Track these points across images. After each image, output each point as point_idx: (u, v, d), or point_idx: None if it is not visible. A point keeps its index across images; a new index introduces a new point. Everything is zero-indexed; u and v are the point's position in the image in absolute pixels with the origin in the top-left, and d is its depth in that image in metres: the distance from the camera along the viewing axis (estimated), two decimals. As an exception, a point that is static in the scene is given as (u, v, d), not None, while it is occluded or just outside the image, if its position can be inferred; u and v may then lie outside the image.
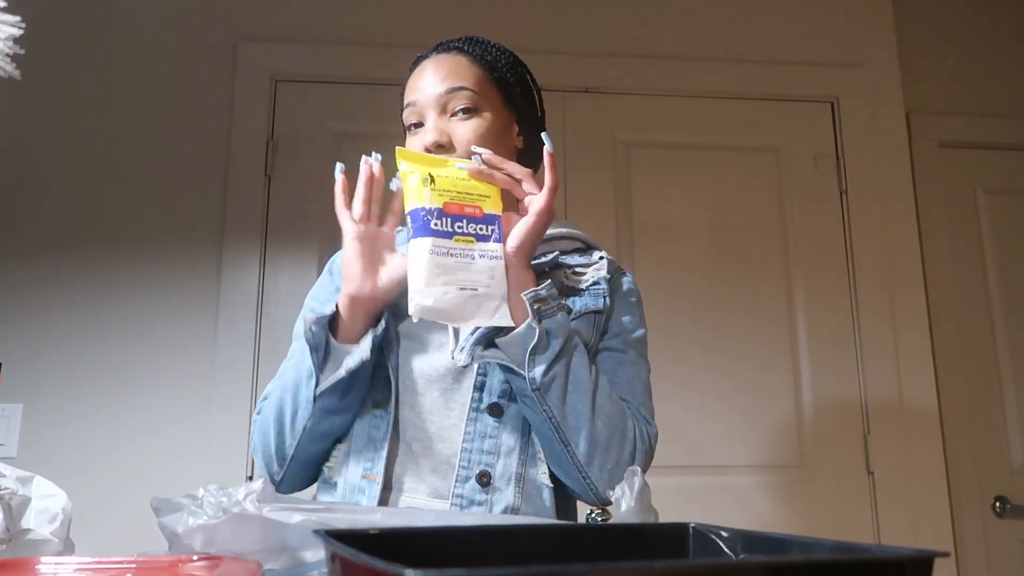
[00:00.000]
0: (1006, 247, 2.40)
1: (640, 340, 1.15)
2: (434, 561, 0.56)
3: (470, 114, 1.06)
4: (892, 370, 2.14)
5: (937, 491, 2.09)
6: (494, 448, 0.99)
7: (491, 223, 0.93)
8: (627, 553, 0.62)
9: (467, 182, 0.94)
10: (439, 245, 0.88)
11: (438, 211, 0.90)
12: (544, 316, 0.94)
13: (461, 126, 1.05)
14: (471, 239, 0.90)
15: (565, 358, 0.96)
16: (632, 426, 1.03)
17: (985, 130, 2.46)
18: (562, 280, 1.09)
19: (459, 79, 1.07)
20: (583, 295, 1.09)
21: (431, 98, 1.06)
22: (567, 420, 0.96)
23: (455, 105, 1.05)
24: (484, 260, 0.90)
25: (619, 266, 1.18)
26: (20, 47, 1.01)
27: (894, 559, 0.45)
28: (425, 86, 1.07)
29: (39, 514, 0.75)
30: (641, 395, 1.10)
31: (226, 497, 0.68)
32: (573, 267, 1.11)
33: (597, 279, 1.10)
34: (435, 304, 0.86)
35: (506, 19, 2.25)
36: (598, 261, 1.13)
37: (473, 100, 1.06)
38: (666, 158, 2.24)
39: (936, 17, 2.54)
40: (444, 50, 1.11)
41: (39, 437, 1.93)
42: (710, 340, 2.13)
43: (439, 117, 1.06)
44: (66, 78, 2.12)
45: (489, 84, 1.09)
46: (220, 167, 2.10)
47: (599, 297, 1.09)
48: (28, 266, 2.01)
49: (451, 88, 1.06)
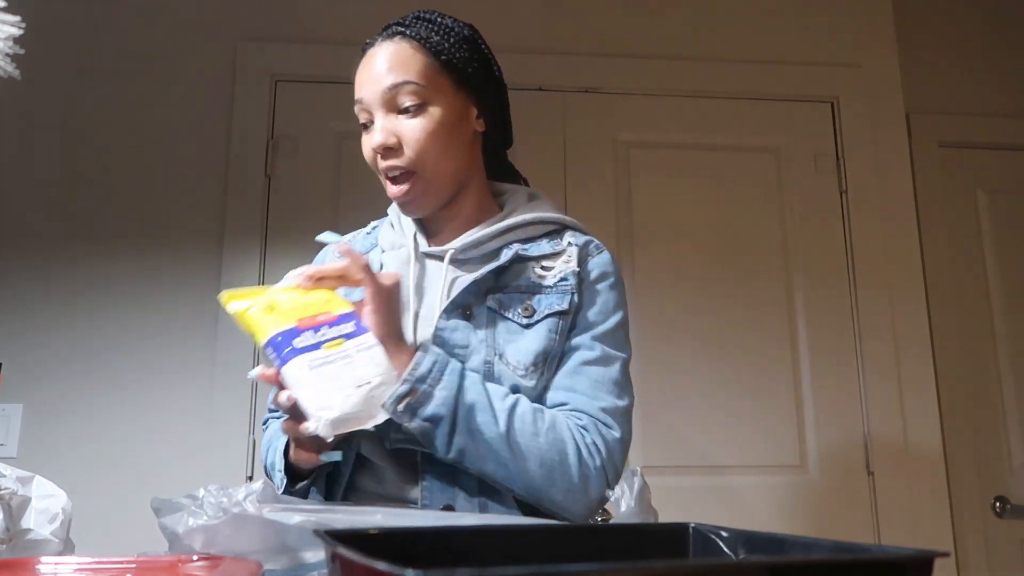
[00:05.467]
0: (1006, 247, 2.40)
1: (611, 331, 1.05)
2: (434, 561, 0.56)
3: (418, 110, 1.00)
4: (892, 370, 2.14)
5: (937, 491, 2.09)
6: (453, 483, 0.96)
7: (348, 320, 0.88)
8: (627, 553, 0.62)
9: (304, 295, 0.89)
10: (314, 359, 0.83)
11: (295, 330, 0.85)
12: (417, 407, 0.90)
13: (409, 125, 0.99)
14: (340, 341, 0.85)
15: (464, 427, 0.91)
16: (574, 450, 0.95)
17: (985, 130, 2.46)
18: (529, 276, 1.03)
19: (403, 72, 1.00)
20: (549, 293, 1.02)
21: (376, 95, 1.00)
22: (496, 475, 0.94)
23: (402, 101, 0.99)
24: (363, 354, 0.85)
25: (593, 245, 1.10)
26: (20, 47, 1.01)
27: (894, 559, 0.45)
28: (369, 80, 1.01)
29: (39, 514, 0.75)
30: (604, 398, 1.00)
31: (226, 497, 0.68)
32: (541, 259, 1.05)
33: (565, 274, 1.03)
34: (342, 413, 0.80)
35: (506, 19, 2.25)
36: (567, 249, 1.06)
37: (420, 94, 1.00)
38: (666, 158, 2.24)
39: (936, 17, 2.54)
40: (388, 35, 1.03)
41: (39, 437, 1.93)
42: (710, 339, 2.13)
43: (386, 116, 1.00)
44: (66, 78, 2.12)
45: (438, 71, 1.02)
46: (220, 167, 2.10)
47: (565, 295, 1.02)
48: (28, 266, 2.01)
49: (394, 84, 0.99)
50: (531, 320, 1.01)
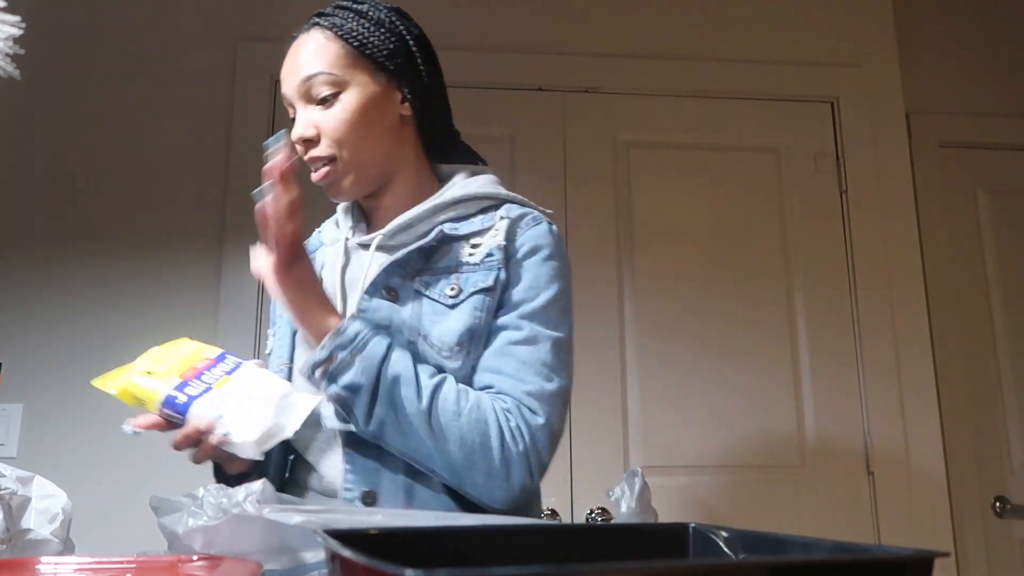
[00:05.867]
0: (1006, 247, 2.40)
1: (541, 308, 1.00)
2: (434, 561, 0.56)
3: (333, 100, 1.00)
4: (892, 370, 2.14)
5: (937, 491, 2.09)
6: (377, 466, 0.96)
7: (222, 359, 0.92)
8: (627, 553, 0.62)
9: (176, 353, 0.94)
10: (211, 398, 0.86)
11: (183, 383, 0.88)
12: (337, 375, 0.91)
13: (327, 116, 1.00)
14: (226, 378, 0.89)
15: (385, 399, 0.91)
16: (496, 433, 0.92)
17: (985, 130, 2.46)
18: (457, 255, 1.01)
19: (315, 63, 1.01)
20: (476, 270, 1.00)
21: (293, 89, 1.02)
22: (417, 453, 0.93)
23: (317, 92, 1.00)
24: (253, 379, 0.89)
25: (529, 218, 1.05)
26: (20, 47, 1.01)
27: (894, 559, 0.45)
28: (288, 75, 1.03)
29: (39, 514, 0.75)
30: (531, 381, 0.96)
31: (226, 498, 0.68)
32: (471, 237, 1.02)
33: (491, 249, 1.00)
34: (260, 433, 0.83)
35: (506, 19, 2.25)
36: (496, 223, 1.03)
37: (334, 83, 1.00)
38: (666, 158, 2.24)
39: (936, 17, 2.54)
40: (305, 29, 1.05)
41: (39, 437, 1.93)
42: (710, 339, 2.13)
43: (305, 108, 1.02)
44: (66, 78, 2.12)
45: (353, 58, 1.01)
46: (220, 167, 2.10)
47: (491, 271, 0.99)
48: (28, 266, 2.01)
49: (307, 76, 1.00)
50: (457, 299, 0.98)
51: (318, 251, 1.14)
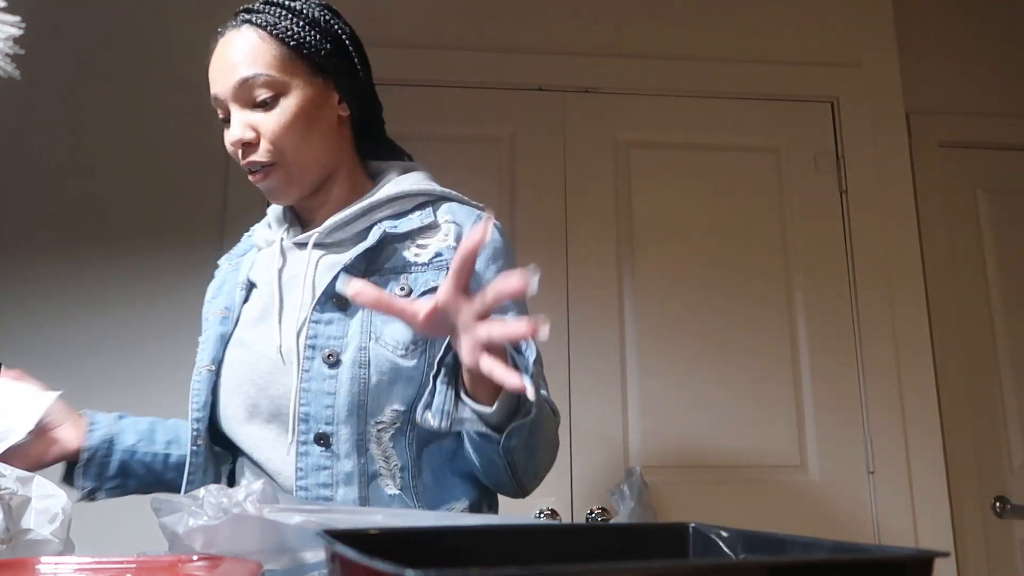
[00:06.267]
0: (1006, 247, 2.40)
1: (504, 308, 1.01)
2: (434, 561, 0.56)
3: (273, 102, 0.97)
4: (892, 370, 2.14)
5: (937, 491, 2.09)
6: (330, 479, 0.94)
7: None
8: (627, 553, 0.62)
9: None
10: None
11: None
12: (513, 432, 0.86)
13: (266, 119, 0.97)
14: None
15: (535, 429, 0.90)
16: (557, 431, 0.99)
17: (985, 130, 2.46)
18: (403, 255, 1.00)
19: (252, 64, 0.97)
20: (425, 270, 0.99)
21: (228, 91, 0.98)
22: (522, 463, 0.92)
23: (256, 94, 0.97)
24: None
25: (474, 217, 1.04)
26: (20, 47, 1.01)
27: (894, 559, 0.45)
28: (221, 75, 0.98)
29: (39, 514, 0.75)
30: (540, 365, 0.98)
31: (226, 498, 0.68)
32: (413, 235, 1.01)
33: (440, 249, 1.00)
34: None
35: (505, 19, 2.25)
36: (442, 225, 1.02)
37: (273, 85, 0.97)
38: (666, 158, 2.24)
39: (936, 17, 2.54)
40: (236, 25, 1.01)
41: (39, 437, 1.93)
42: (710, 339, 2.13)
43: (241, 110, 0.98)
44: (66, 78, 2.12)
45: (289, 59, 0.98)
46: (220, 167, 2.10)
47: (441, 271, 0.98)
48: (28, 266, 2.01)
49: (245, 78, 0.97)
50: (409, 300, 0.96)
51: (248, 255, 1.12)
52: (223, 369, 1.02)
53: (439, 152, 2.15)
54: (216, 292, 1.09)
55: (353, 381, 0.94)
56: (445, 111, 2.17)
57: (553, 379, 2.05)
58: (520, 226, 2.13)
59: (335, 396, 0.94)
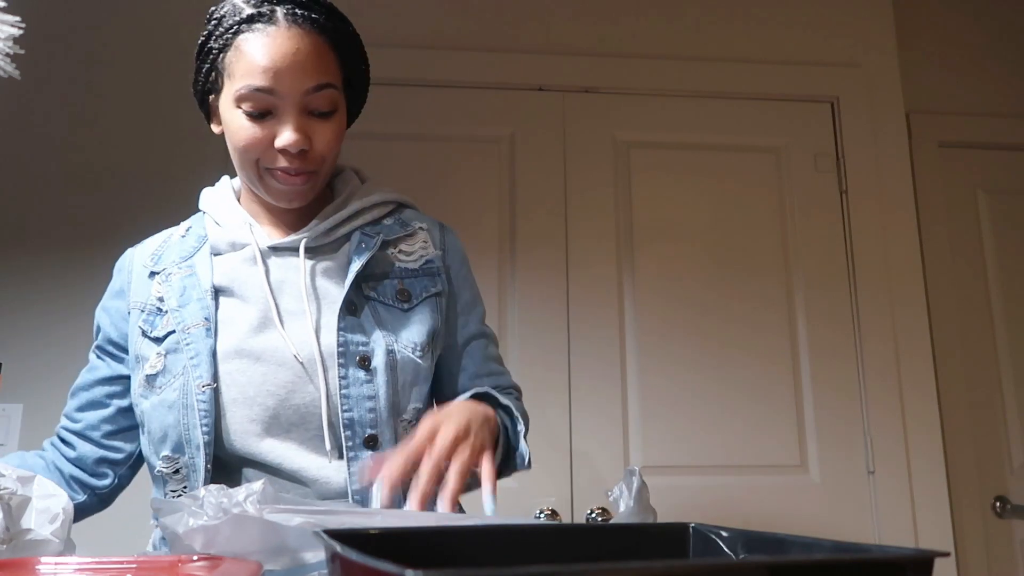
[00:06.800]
0: (1006, 247, 2.40)
1: (483, 310, 1.13)
2: (434, 561, 0.56)
3: (330, 116, 0.97)
4: (892, 370, 2.14)
5: (937, 491, 2.09)
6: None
7: None
8: (627, 553, 0.62)
9: None
10: None
11: None
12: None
13: (322, 129, 0.97)
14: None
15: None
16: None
17: (985, 130, 2.46)
18: (392, 261, 1.03)
19: (324, 73, 0.96)
20: (419, 276, 1.04)
21: (296, 94, 0.94)
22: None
23: (319, 104, 0.96)
24: None
25: (446, 228, 1.12)
26: (20, 47, 1.01)
27: (894, 559, 0.45)
28: (288, 74, 0.93)
29: (39, 514, 0.75)
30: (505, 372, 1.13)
31: (227, 498, 0.68)
32: (396, 242, 1.05)
33: (429, 257, 1.06)
34: None
35: (505, 19, 2.25)
36: (422, 231, 1.08)
37: (335, 100, 0.97)
38: (666, 158, 2.24)
39: (936, 17, 2.54)
40: (303, 22, 0.95)
41: (39, 437, 1.92)
42: (710, 339, 2.13)
43: (299, 115, 0.95)
44: (66, 78, 2.12)
45: (343, 75, 1.00)
46: (220, 167, 2.10)
47: (435, 277, 1.05)
48: (28, 266, 2.01)
49: (319, 86, 0.95)
50: (410, 304, 1.02)
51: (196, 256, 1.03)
52: (222, 384, 0.95)
53: (439, 152, 2.16)
54: (182, 300, 0.99)
55: (388, 383, 0.97)
56: (445, 111, 2.17)
57: (553, 379, 2.06)
58: (520, 226, 2.13)
59: (375, 399, 0.96)
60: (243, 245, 1.02)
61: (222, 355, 0.96)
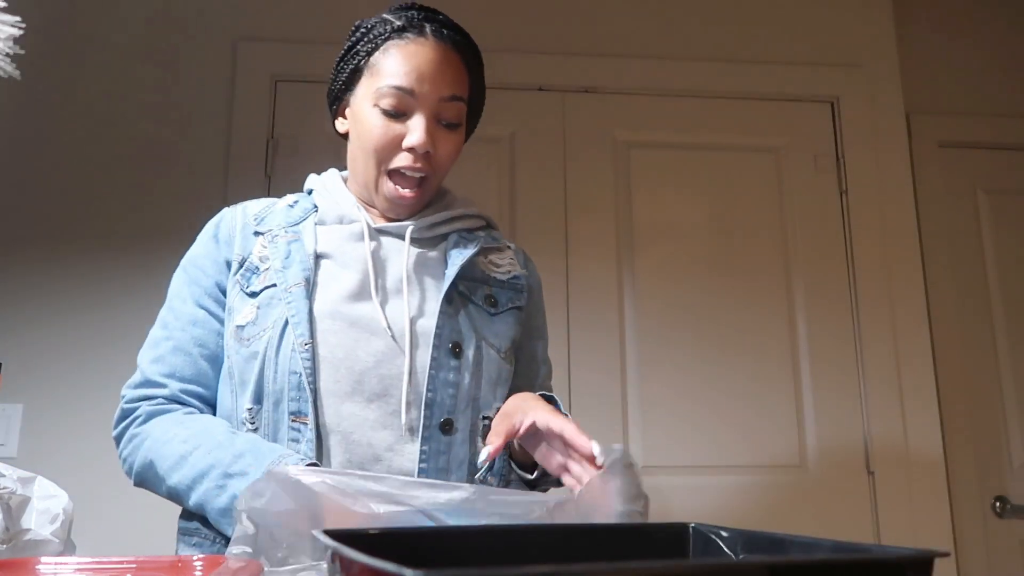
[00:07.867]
0: (1006, 247, 2.40)
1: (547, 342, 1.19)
2: (434, 561, 0.56)
3: (457, 127, 1.05)
4: (892, 370, 2.14)
5: (937, 491, 2.09)
6: (447, 464, 0.97)
7: None
8: (627, 553, 0.62)
9: None
10: None
11: None
12: None
13: (446, 139, 1.04)
14: None
15: None
16: None
17: (985, 130, 2.46)
18: (482, 267, 1.09)
19: (459, 87, 1.04)
20: (506, 288, 1.09)
21: (432, 98, 1.01)
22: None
23: (449, 115, 1.03)
24: None
25: (522, 251, 1.19)
26: (20, 47, 1.01)
27: (894, 559, 0.45)
28: (429, 79, 1.01)
29: (40, 514, 0.75)
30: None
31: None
32: (487, 252, 1.11)
33: (516, 273, 1.12)
34: None
35: (506, 19, 2.25)
36: (508, 249, 1.14)
37: (462, 114, 1.05)
38: (666, 158, 2.24)
39: (936, 17, 2.54)
40: (447, 39, 1.04)
41: (39, 437, 1.93)
42: (710, 340, 2.13)
43: (429, 120, 1.01)
44: (66, 78, 2.12)
45: (468, 92, 1.07)
46: (220, 167, 2.10)
47: (520, 292, 1.11)
48: (28, 266, 2.01)
49: (453, 96, 1.03)
50: (496, 310, 1.06)
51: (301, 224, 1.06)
52: (319, 340, 0.97)
53: (439, 152, 2.16)
54: (286, 262, 1.01)
55: (473, 375, 1.00)
56: (445, 111, 2.17)
57: (553, 380, 2.06)
58: (520, 226, 2.13)
59: (457, 387, 0.99)
60: (352, 220, 1.06)
61: (318, 314, 0.98)
